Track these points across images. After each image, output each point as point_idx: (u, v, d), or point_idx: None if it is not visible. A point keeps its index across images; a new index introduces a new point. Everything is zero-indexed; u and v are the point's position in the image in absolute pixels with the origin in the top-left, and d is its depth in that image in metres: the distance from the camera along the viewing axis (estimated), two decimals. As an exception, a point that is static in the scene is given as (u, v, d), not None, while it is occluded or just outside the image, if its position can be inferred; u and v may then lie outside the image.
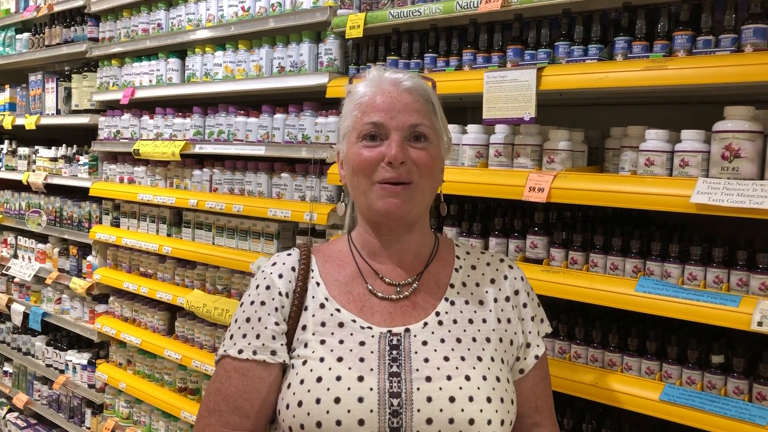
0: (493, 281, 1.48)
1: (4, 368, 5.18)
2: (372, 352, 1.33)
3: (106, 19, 4.11)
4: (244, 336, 1.39)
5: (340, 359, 1.32)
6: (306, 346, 1.36)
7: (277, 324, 1.39)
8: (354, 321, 1.37)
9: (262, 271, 1.46)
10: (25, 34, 4.87)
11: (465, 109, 2.75)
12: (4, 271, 4.97)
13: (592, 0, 2.03)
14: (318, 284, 1.43)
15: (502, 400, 1.33)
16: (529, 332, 1.47)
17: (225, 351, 1.40)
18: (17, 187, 4.93)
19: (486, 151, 2.27)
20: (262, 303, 1.41)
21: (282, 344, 1.38)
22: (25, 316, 4.69)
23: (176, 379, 3.55)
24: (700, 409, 1.78)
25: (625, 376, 1.99)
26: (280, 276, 1.43)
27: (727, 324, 1.72)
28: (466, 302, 1.43)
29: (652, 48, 1.96)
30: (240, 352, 1.38)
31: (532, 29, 2.20)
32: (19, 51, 4.94)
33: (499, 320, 1.43)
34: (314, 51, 2.90)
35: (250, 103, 3.33)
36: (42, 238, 4.75)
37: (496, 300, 1.45)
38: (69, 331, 4.43)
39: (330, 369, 1.31)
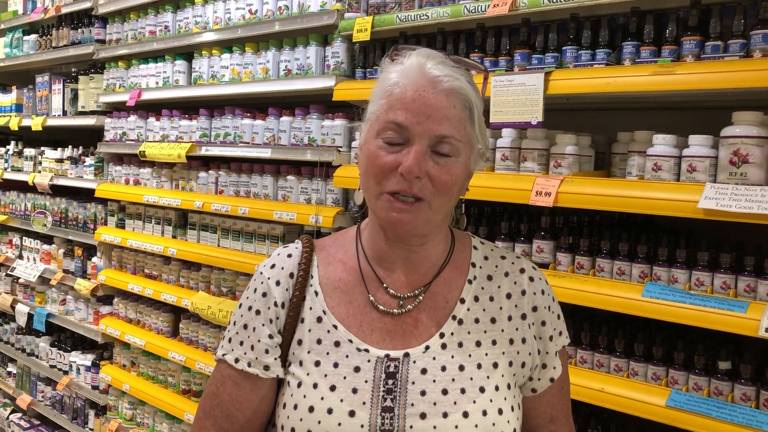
0: (509, 296, 1.34)
1: (8, 369, 5.19)
2: (366, 382, 1.25)
3: (114, 21, 4.13)
4: (241, 343, 1.35)
5: (333, 388, 1.25)
6: (301, 364, 1.30)
7: (270, 337, 1.33)
8: (351, 341, 1.29)
9: (261, 273, 1.38)
10: (33, 36, 4.89)
11: (471, 113, 2.74)
12: (9, 272, 4.98)
13: (599, 5, 2.03)
14: (317, 293, 1.34)
15: None
16: (546, 353, 1.35)
17: (223, 355, 1.37)
18: (23, 188, 4.95)
19: (493, 155, 2.27)
20: (258, 312, 1.35)
21: (276, 358, 1.33)
22: (30, 316, 4.70)
23: (180, 381, 3.55)
24: (707, 415, 1.77)
25: (631, 381, 1.98)
26: (278, 283, 1.35)
27: (735, 330, 1.72)
28: (476, 320, 1.31)
29: (660, 53, 1.96)
30: (236, 361, 1.35)
31: (540, 33, 2.21)
32: (26, 52, 4.97)
33: (511, 341, 1.31)
34: (321, 54, 2.90)
35: (256, 105, 3.34)
36: (47, 239, 4.76)
37: (510, 318, 1.32)
38: (73, 332, 4.43)
39: (322, 399, 1.25)
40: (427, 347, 1.28)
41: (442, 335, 1.29)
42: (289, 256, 1.38)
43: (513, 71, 2.22)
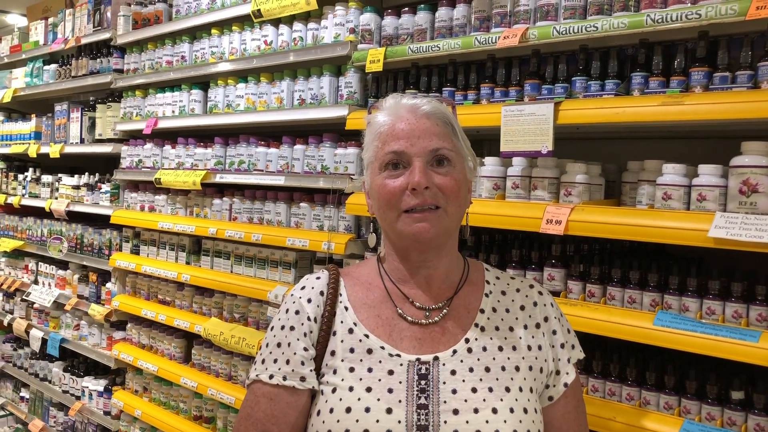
0: (522, 308, 1.47)
1: (21, 394, 5.21)
2: (400, 383, 1.33)
3: (131, 51, 4.22)
4: (275, 361, 1.41)
5: (368, 389, 1.33)
6: (335, 372, 1.37)
7: (305, 350, 1.40)
8: (383, 348, 1.37)
9: (291, 295, 1.48)
10: (53, 66, 5.00)
11: (482, 142, 2.78)
12: (24, 297, 5.03)
13: (609, 36, 2.06)
14: (346, 308, 1.44)
15: None
16: (559, 359, 1.46)
17: (257, 375, 1.43)
18: (40, 214, 5.02)
19: (503, 183, 2.29)
20: (292, 328, 1.43)
21: (311, 370, 1.39)
22: (44, 341, 4.74)
23: (192, 407, 3.56)
24: (720, 445, 1.76)
25: (643, 410, 1.97)
26: (309, 300, 1.45)
27: (747, 359, 1.71)
28: (496, 328, 1.43)
29: (669, 84, 1.98)
30: (271, 377, 1.40)
31: (550, 64, 2.24)
32: (46, 81, 5.07)
33: (528, 347, 1.42)
34: (334, 84, 2.95)
35: (270, 133, 3.39)
36: (62, 265, 4.81)
37: (525, 327, 1.45)
38: (86, 357, 4.46)
39: (359, 399, 1.32)
40: (455, 351, 1.38)
41: (467, 340, 1.40)
42: (318, 278, 1.50)
43: (523, 101, 2.25)
